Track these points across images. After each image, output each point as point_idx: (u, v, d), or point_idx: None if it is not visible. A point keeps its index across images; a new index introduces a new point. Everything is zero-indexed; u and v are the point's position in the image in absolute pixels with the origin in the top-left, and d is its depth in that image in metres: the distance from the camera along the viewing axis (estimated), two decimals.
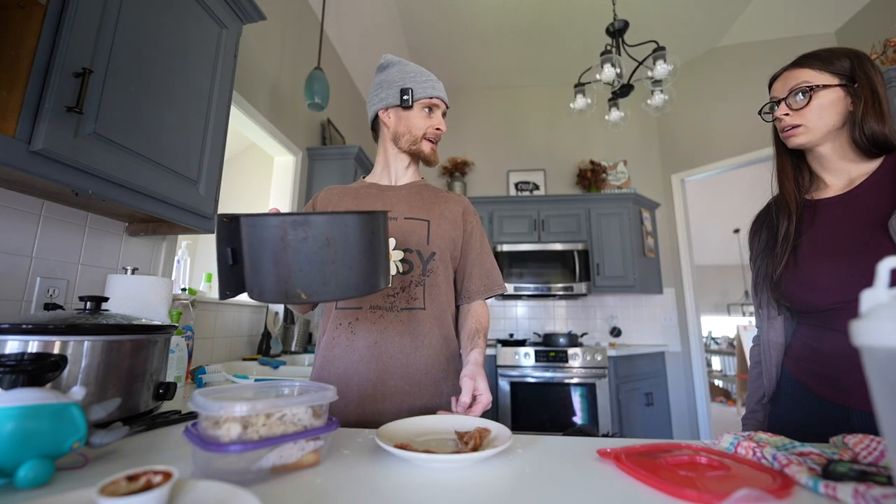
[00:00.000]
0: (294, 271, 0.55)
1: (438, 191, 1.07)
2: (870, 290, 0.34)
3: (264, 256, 0.55)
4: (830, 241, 0.78)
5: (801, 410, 0.81)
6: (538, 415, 2.78)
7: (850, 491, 0.39)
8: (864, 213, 0.75)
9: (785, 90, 0.82)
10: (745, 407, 0.94)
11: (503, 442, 0.56)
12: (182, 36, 1.13)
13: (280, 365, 1.71)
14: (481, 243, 1.06)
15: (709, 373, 5.30)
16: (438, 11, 3.23)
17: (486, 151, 4.15)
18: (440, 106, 1.00)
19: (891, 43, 2.27)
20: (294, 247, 0.54)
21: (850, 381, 0.73)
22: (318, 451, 0.52)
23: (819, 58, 0.80)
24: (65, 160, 0.81)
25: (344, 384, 0.88)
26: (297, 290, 0.55)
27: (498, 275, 1.05)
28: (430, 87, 0.98)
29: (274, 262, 0.55)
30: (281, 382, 0.63)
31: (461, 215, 1.04)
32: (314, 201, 1.04)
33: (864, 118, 0.76)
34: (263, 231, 0.55)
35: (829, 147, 0.82)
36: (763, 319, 0.91)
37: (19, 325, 0.62)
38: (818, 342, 0.79)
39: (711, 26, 3.39)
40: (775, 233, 0.87)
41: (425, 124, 0.98)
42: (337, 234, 0.56)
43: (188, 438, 0.48)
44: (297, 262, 0.55)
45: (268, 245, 0.55)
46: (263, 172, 3.10)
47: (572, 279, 3.28)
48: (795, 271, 0.81)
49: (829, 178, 0.84)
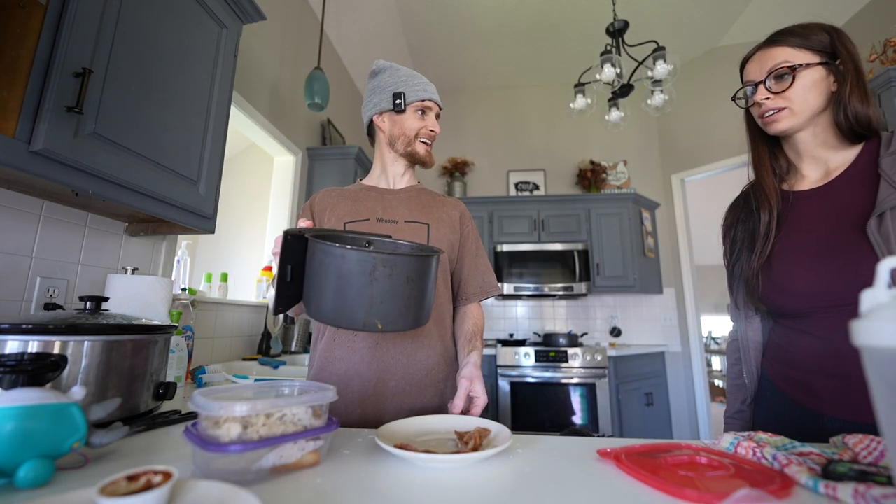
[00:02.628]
0: (376, 303, 0.57)
1: (436, 195, 1.08)
2: (870, 290, 0.34)
3: (347, 286, 0.57)
4: (804, 241, 0.74)
5: (776, 414, 0.78)
6: (538, 415, 2.78)
7: (850, 491, 0.39)
8: (840, 210, 0.71)
9: (762, 72, 0.76)
10: (727, 409, 0.89)
11: (503, 442, 0.56)
12: (182, 36, 1.13)
13: (280, 365, 1.71)
14: (476, 246, 1.07)
15: (709, 373, 5.30)
16: (438, 11, 3.23)
17: (486, 151, 4.15)
18: (433, 108, 1.00)
19: (891, 43, 2.27)
20: (380, 281, 0.57)
21: (823, 387, 0.70)
22: (318, 451, 0.52)
23: (796, 34, 0.75)
24: (65, 160, 0.81)
25: (345, 385, 0.88)
26: (375, 321, 0.57)
27: (492, 277, 1.06)
28: (422, 89, 0.98)
29: (357, 294, 0.57)
30: (281, 382, 0.63)
31: (458, 219, 1.05)
32: (311, 203, 1.03)
33: (850, 98, 0.71)
34: (352, 263, 0.57)
35: (810, 132, 0.76)
36: (741, 319, 0.86)
37: (19, 325, 0.62)
38: (792, 346, 0.76)
39: (711, 26, 3.39)
40: (752, 228, 0.82)
41: (419, 126, 0.99)
42: (416, 272, 0.59)
43: (188, 438, 0.48)
44: (380, 294, 0.57)
45: (354, 277, 0.57)
46: (263, 172, 3.10)
47: (572, 279, 3.28)
48: (769, 272, 0.77)
49: (806, 167, 0.79)
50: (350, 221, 0.97)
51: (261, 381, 1.21)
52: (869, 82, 2.13)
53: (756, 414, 0.84)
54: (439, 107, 1.02)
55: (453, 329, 1.03)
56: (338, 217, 0.98)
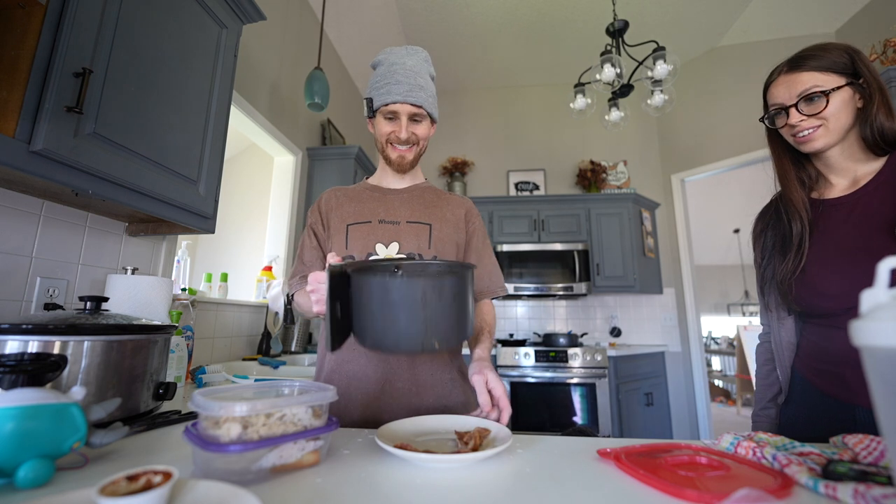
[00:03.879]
0: (431, 326, 0.59)
1: (441, 193, 1.06)
2: (870, 290, 0.34)
3: (402, 314, 0.58)
4: (837, 247, 0.78)
5: (808, 408, 0.81)
6: (538, 415, 2.78)
7: (850, 491, 0.39)
8: (870, 216, 0.75)
9: (792, 97, 0.79)
10: (755, 406, 0.94)
11: (503, 442, 0.56)
12: (182, 36, 1.13)
13: (280, 365, 1.71)
14: (483, 245, 1.05)
15: (709, 373, 5.31)
16: (438, 11, 3.23)
17: (486, 151, 4.15)
18: (400, 111, 0.94)
19: (891, 43, 2.27)
20: (432, 304, 0.59)
21: (854, 378, 0.73)
22: (318, 451, 0.52)
23: (819, 58, 0.79)
24: (65, 160, 0.81)
25: (353, 386, 0.88)
26: (433, 342, 0.59)
27: (499, 276, 1.05)
28: (386, 92, 0.93)
29: (412, 320, 0.58)
30: (281, 382, 0.63)
31: (463, 218, 1.04)
32: (318, 204, 1.04)
33: (877, 115, 0.76)
34: (403, 292, 0.59)
35: (839, 148, 0.80)
36: (773, 320, 0.90)
37: (19, 325, 0.62)
38: (826, 341, 0.79)
39: (711, 26, 3.39)
40: (784, 234, 0.86)
41: (387, 131, 0.97)
42: (459, 288, 0.61)
43: (188, 438, 0.48)
44: (434, 316, 0.59)
45: (406, 304, 0.58)
46: (263, 172, 3.10)
47: (572, 279, 3.28)
48: (803, 277, 0.81)
49: (834, 177, 0.84)
50: (353, 223, 0.97)
51: (261, 381, 1.21)
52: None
53: (787, 411, 0.87)
54: (414, 105, 0.94)
55: None
56: (341, 219, 0.98)
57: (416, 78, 0.94)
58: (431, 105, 0.97)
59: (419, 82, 0.94)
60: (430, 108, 0.97)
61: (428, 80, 0.98)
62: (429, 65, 1.00)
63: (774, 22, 3.17)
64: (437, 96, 1.02)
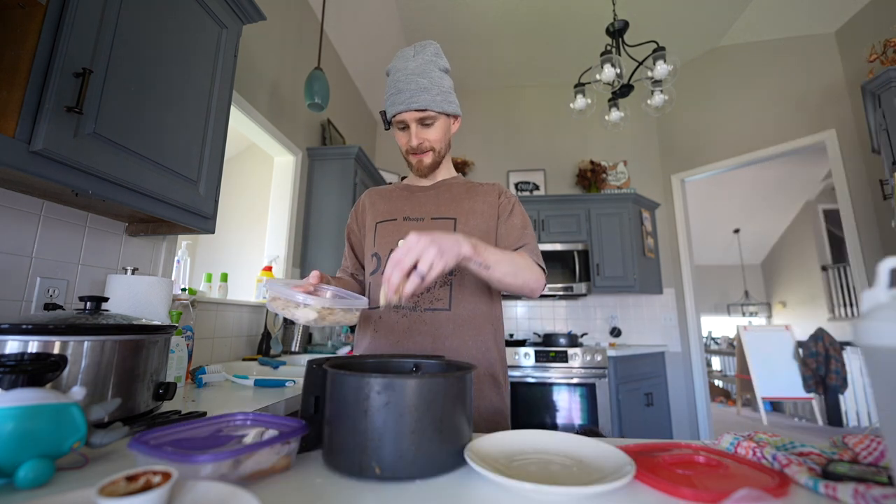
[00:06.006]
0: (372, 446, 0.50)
1: (472, 185, 1.05)
2: (870, 290, 0.34)
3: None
4: None
5: None
6: (538, 415, 2.78)
7: (850, 491, 0.39)
8: None
9: None
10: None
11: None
12: (182, 36, 1.13)
13: (280, 365, 1.70)
14: (510, 213, 1.00)
15: (709, 373, 5.30)
16: (438, 12, 3.23)
17: (486, 151, 4.15)
18: (409, 119, 0.94)
19: (891, 43, 2.27)
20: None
21: None
22: (289, 455, 0.50)
23: None
24: (65, 160, 0.81)
25: None
26: (374, 465, 0.49)
27: (531, 237, 0.99)
28: (391, 104, 0.95)
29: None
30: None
31: (497, 200, 1.02)
32: (356, 206, 1.11)
33: None
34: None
35: None
36: None
37: (19, 325, 0.62)
38: None
39: (711, 26, 3.39)
40: None
41: (403, 142, 0.99)
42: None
43: (146, 451, 0.43)
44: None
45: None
46: (263, 172, 3.10)
47: (572, 279, 3.28)
48: None
49: None
50: (381, 221, 1.02)
51: (261, 381, 1.21)
52: (868, 83, 2.13)
53: None
54: (419, 111, 0.93)
55: (495, 332, 0.98)
56: (373, 217, 1.04)
57: (417, 81, 0.92)
58: (441, 103, 0.94)
59: (422, 84, 0.92)
60: (438, 107, 0.94)
61: (435, 78, 0.94)
62: (439, 58, 0.98)
63: (774, 22, 3.17)
64: (453, 89, 1.00)
